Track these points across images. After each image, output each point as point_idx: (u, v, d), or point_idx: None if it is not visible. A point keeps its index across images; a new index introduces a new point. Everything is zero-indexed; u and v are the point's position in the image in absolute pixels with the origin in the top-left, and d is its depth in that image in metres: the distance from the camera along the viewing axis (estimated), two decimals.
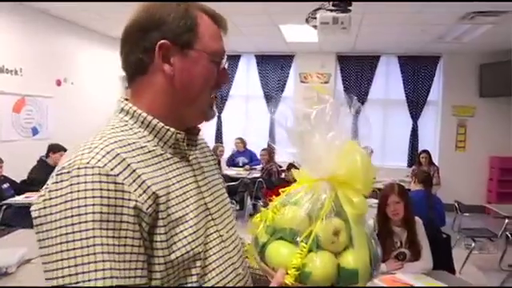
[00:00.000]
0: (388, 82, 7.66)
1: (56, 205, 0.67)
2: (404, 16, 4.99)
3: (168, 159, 0.81)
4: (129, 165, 0.72)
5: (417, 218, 2.62)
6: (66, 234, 0.64)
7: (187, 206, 0.79)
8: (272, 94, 7.84)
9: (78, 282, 0.62)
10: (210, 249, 0.81)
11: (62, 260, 0.64)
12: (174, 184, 0.78)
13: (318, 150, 0.80)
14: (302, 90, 7.76)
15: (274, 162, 6.71)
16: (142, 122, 0.81)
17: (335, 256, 0.74)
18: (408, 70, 7.43)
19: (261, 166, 6.93)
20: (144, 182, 0.72)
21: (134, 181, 0.71)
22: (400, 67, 7.48)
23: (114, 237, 0.66)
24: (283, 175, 6.21)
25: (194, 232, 0.78)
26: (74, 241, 0.64)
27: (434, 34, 5.84)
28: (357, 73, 7.62)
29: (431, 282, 2.27)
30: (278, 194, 0.86)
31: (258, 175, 6.61)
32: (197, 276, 0.77)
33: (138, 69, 0.82)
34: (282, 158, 6.88)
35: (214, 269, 0.81)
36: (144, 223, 0.70)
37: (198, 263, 0.77)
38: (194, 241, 0.77)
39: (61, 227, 0.65)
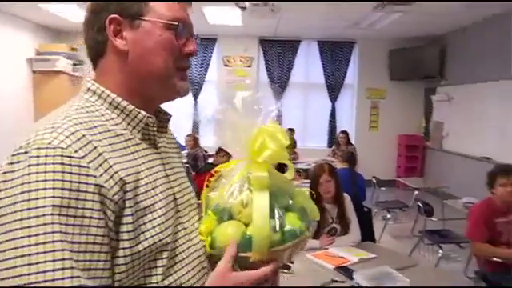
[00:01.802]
0: (308, 66, 7.95)
1: (11, 188, 0.60)
2: (324, 3, 5.18)
3: (137, 144, 0.76)
4: (95, 148, 0.66)
5: (345, 195, 2.80)
6: (21, 219, 0.58)
7: (156, 195, 0.75)
8: (195, 78, 7.71)
9: (31, 283, 0.56)
10: (177, 240, 0.79)
11: (15, 249, 0.57)
12: (142, 171, 0.74)
13: (240, 131, 0.84)
14: (225, 73, 7.74)
15: (200, 146, 6.64)
16: (110, 104, 0.76)
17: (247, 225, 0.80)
18: (327, 55, 7.78)
19: (186, 151, 6.82)
20: (111, 166, 0.67)
21: (100, 165, 0.66)
22: (319, 52, 7.79)
23: (75, 225, 0.60)
24: (211, 160, 6.18)
25: (163, 222, 0.75)
26: (29, 227, 0.58)
27: (350, 20, 6.16)
28: (279, 57, 7.79)
29: (361, 253, 2.44)
30: (209, 178, 0.91)
31: (184, 161, 6.49)
32: (162, 268, 0.74)
33: (97, 51, 0.78)
34: (208, 143, 6.86)
35: (180, 261, 0.78)
36: (109, 211, 0.65)
37: (165, 254, 0.74)
38: (162, 231, 0.74)
39: (15, 212, 0.58)
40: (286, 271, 1.92)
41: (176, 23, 0.77)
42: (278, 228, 0.79)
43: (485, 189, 2.95)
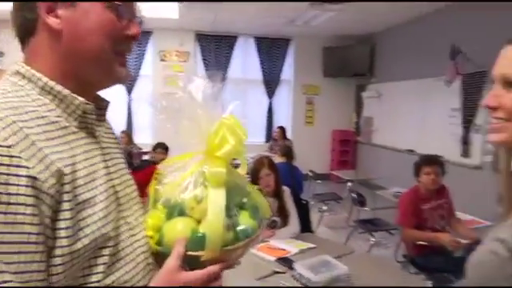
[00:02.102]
0: (245, 62, 7.98)
1: None
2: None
3: (74, 133, 0.70)
4: (27, 135, 0.60)
5: (285, 188, 2.85)
6: None
7: (96, 187, 0.69)
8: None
9: None
10: (119, 235, 0.73)
11: None
12: (80, 162, 0.68)
13: (198, 122, 0.81)
14: (161, 68, 7.53)
15: (134, 143, 6.42)
16: (42, 88, 0.68)
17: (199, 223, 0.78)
18: (263, 51, 7.87)
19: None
20: (46, 156, 0.61)
21: (34, 155, 0.59)
22: (256, 48, 7.86)
23: (6, 223, 0.54)
24: (147, 157, 5.99)
25: (105, 216, 0.69)
26: None
27: (287, 17, 6.28)
28: (216, 52, 7.73)
29: (300, 244, 2.50)
30: (148, 176, 0.86)
31: None
32: (104, 266, 0.68)
33: (26, 29, 0.70)
34: (144, 139, 6.64)
35: (122, 258, 0.73)
36: (45, 206, 0.59)
37: (107, 251, 0.69)
38: (104, 225, 0.68)
39: None
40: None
41: (118, 2, 0.72)
42: (231, 227, 0.77)
43: (411, 178, 3.16)
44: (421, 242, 2.96)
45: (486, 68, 4.75)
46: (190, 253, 0.74)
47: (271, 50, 7.89)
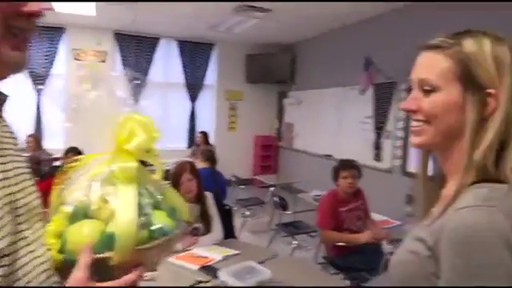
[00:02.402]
0: (168, 65, 7.76)
1: None
2: (183, 2, 5.11)
3: None
4: None
5: (207, 193, 2.79)
6: None
7: None
8: (39, 71, 6.79)
9: None
10: (16, 252, 0.62)
11: None
12: None
13: (107, 120, 0.76)
14: (75, 67, 7.03)
15: (43, 149, 5.90)
16: None
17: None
18: (186, 55, 7.72)
19: (27, 154, 5.95)
20: None
21: None
22: (179, 51, 7.69)
23: None
24: (59, 163, 5.52)
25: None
26: None
27: (210, 22, 6.24)
28: (136, 53, 7.41)
29: (224, 250, 2.45)
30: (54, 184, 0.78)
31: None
32: None
33: None
34: (55, 144, 6.11)
35: (21, 278, 0.62)
36: None
37: (1, 271, 0.58)
38: None
39: None
40: (146, 277, 1.80)
41: None
42: (145, 225, 0.71)
43: (329, 182, 3.29)
44: (340, 243, 3.08)
45: (395, 79, 5.16)
46: (97, 256, 0.66)
47: (194, 53, 7.77)
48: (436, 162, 0.90)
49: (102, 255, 0.66)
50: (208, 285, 2.01)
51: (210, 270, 2.12)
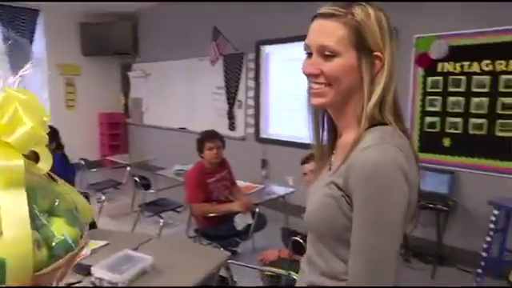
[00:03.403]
0: None
1: None
2: None
3: None
4: None
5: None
6: None
7: None
8: None
9: None
10: None
11: None
12: None
13: None
14: None
15: None
16: None
17: None
18: (4, 22, 6.46)
19: None
20: None
21: None
22: None
23: None
24: None
25: None
26: None
27: None
28: None
29: (90, 244, 2.20)
30: None
31: None
32: None
33: None
34: None
35: None
36: None
37: None
38: None
39: None
40: None
41: None
42: (42, 242, 0.54)
43: (188, 155, 3.25)
44: (211, 215, 3.10)
45: (243, 50, 5.31)
46: None
47: (14, 21, 6.55)
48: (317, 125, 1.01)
49: None
50: (82, 285, 1.77)
51: (79, 268, 1.87)
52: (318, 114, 1.00)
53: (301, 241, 2.23)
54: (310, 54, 0.90)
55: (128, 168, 4.87)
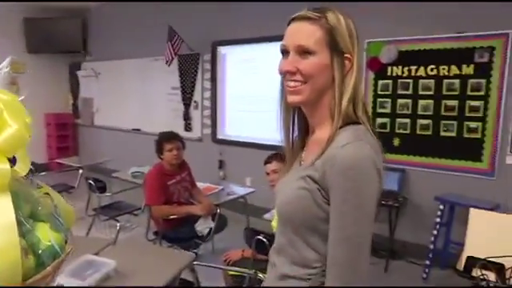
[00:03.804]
0: None
1: None
2: None
3: None
4: None
5: None
6: None
7: None
8: None
9: None
10: None
11: None
12: None
13: None
14: None
15: None
16: None
17: None
18: None
19: None
20: None
21: None
22: None
23: None
24: None
25: None
26: None
27: None
28: None
29: None
30: None
31: None
32: None
33: None
34: None
35: None
36: None
37: None
38: None
39: None
40: None
41: None
42: (28, 249, 0.54)
43: (144, 156, 3.18)
44: (172, 217, 3.06)
45: (198, 50, 5.29)
46: None
47: None
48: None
49: None
50: None
51: None
52: (290, 112, 1.05)
53: (264, 240, 2.28)
54: (285, 55, 0.96)
55: (80, 171, 4.68)
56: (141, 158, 4.65)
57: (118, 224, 3.57)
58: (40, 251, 0.55)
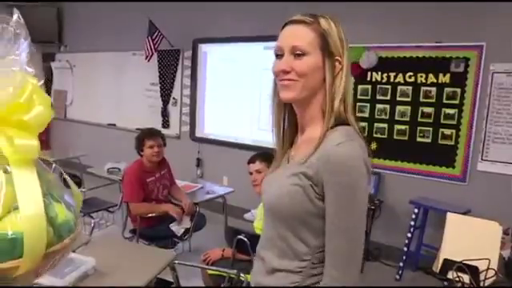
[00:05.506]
0: None
1: None
2: None
3: None
4: None
5: None
6: None
7: None
8: None
9: None
10: None
11: None
12: None
13: None
14: None
15: None
16: None
17: None
18: None
19: None
20: None
21: None
22: None
23: None
24: None
25: None
26: None
27: None
28: None
29: None
30: None
31: None
32: None
33: None
34: None
35: None
36: None
37: None
38: None
39: None
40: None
41: None
42: (49, 221, 0.55)
43: (120, 152, 3.11)
44: (151, 215, 3.02)
45: (180, 47, 5.23)
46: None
47: None
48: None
49: (4, 265, 0.49)
50: None
51: None
52: (281, 110, 1.09)
53: (245, 239, 2.28)
54: (279, 56, 1.00)
55: (53, 166, 4.53)
56: (116, 154, 4.55)
57: (93, 221, 3.48)
58: (58, 224, 0.57)
